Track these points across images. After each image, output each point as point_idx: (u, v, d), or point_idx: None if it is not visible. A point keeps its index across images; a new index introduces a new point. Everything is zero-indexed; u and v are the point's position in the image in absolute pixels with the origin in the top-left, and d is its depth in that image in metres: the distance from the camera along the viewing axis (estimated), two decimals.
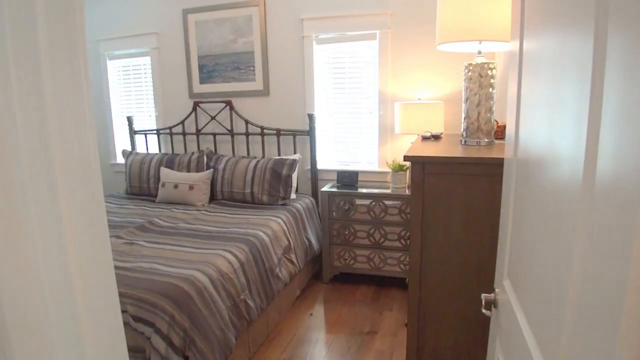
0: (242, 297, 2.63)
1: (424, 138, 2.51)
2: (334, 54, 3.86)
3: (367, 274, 3.64)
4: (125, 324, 2.24)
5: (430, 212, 1.85)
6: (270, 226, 3.18)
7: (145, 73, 4.62)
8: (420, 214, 1.86)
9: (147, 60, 4.54)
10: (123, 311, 2.26)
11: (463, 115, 2.13)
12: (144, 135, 4.69)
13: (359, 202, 3.53)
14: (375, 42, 3.68)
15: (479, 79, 2.05)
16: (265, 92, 4.08)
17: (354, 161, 3.99)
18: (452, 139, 2.48)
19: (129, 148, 4.76)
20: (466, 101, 2.09)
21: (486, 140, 2.09)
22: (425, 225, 1.87)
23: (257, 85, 4.08)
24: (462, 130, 2.17)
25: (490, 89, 2.05)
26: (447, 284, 1.90)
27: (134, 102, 4.79)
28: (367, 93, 3.82)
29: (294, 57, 3.94)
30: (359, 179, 3.79)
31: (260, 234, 3.04)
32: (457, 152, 1.96)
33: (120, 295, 2.22)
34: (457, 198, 1.82)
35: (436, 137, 2.51)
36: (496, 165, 1.63)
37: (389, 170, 3.74)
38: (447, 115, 3.53)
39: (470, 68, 2.06)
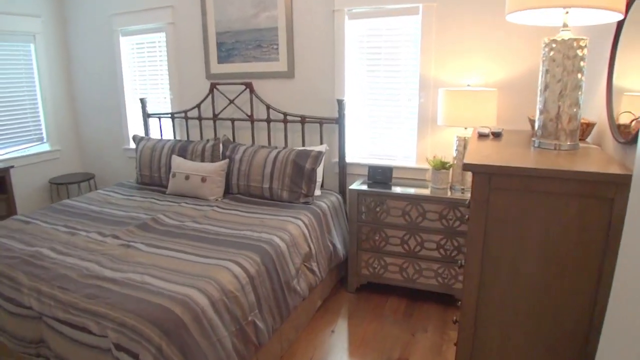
0: (250, 318, 2.21)
1: (481, 135, 2.01)
2: (369, 31, 3.35)
3: (398, 285, 3.18)
4: (107, 351, 1.86)
5: (495, 240, 1.37)
6: (289, 230, 2.74)
7: (160, 51, 4.21)
8: (481, 241, 1.39)
9: (161, 36, 4.13)
10: (103, 336, 1.88)
11: (538, 109, 1.62)
12: (157, 119, 4.30)
13: (392, 203, 3.05)
14: (418, 17, 3.15)
15: (564, 62, 1.53)
16: (289, 73, 3.61)
17: (388, 155, 3.49)
18: (517, 138, 1.97)
19: (142, 132, 4.39)
20: (545, 90, 1.58)
21: (569, 143, 1.58)
22: (487, 256, 1.39)
23: (281, 65, 3.61)
24: (536, 128, 1.66)
25: (579, 75, 1.53)
26: (512, 338, 1.42)
27: (148, 82, 4.39)
28: (405, 77, 3.31)
29: (323, 34, 3.45)
30: (394, 175, 3.30)
31: (276, 240, 2.60)
32: (528, 158, 1.46)
33: (101, 316, 1.82)
34: (533, 223, 1.33)
35: (496, 135, 2.00)
36: (595, 183, 1.14)
37: (429, 167, 3.24)
38: (500, 106, 2.99)
39: (553, 46, 1.54)
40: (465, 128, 2.97)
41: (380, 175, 3.26)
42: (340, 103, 3.37)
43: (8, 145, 4.33)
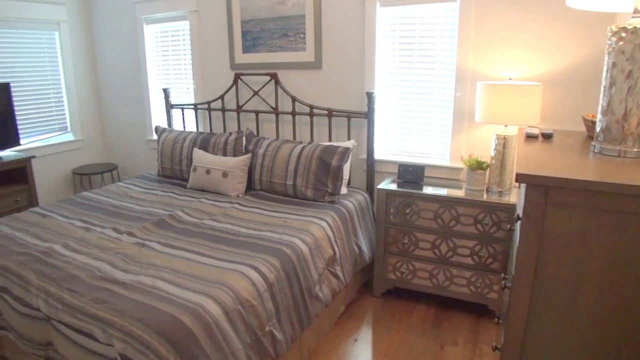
0: (267, 328, 2.06)
1: (529, 137, 1.78)
2: (402, 19, 3.12)
3: (427, 292, 2.97)
4: None
5: (550, 263, 1.17)
6: (312, 232, 2.57)
7: (184, 40, 4.08)
8: (533, 264, 1.18)
9: (185, 25, 3.99)
10: (109, 345, 1.75)
11: (601, 108, 1.40)
12: (180, 110, 4.18)
13: (423, 205, 2.84)
14: (455, 4, 2.91)
15: (634, 54, 1.30)
16: (316, 64, 3.42)
17: (419, 153, 3.28)
18: (570, 141, 1.74)
19: (165, 123, 4.28)
20: (610, 87, 1.35)
21: (636, 149, 1.35)
22: (540, 281, 1.19)
23: (308, 55, 3.43)
24: (596, 131, 1.43)
25: None
26: None
27: (171, 72, 4.27)
28: (440, 69, 3.08)
29: (352, 23, 3.24)
30: (425, 174, 3.09)
31: (298, 242, 2.43)
32: (591, 167, 1.24)
33: (108, 324, 1.68)
34: (597, 246, 1.12)
35: (547, 137, 1.77)
36: None
37: (464, 167, 3.02)
38: (545, 103, 2.74)
39: (622, 35, 1.31)
40: (506, 126, 2.73)
41: (411, 174, 3.06)
42: (369, 96, 3.16)
43: (32, 135, 4.29)
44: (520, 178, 1.13)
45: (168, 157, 3.71)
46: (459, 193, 2.82)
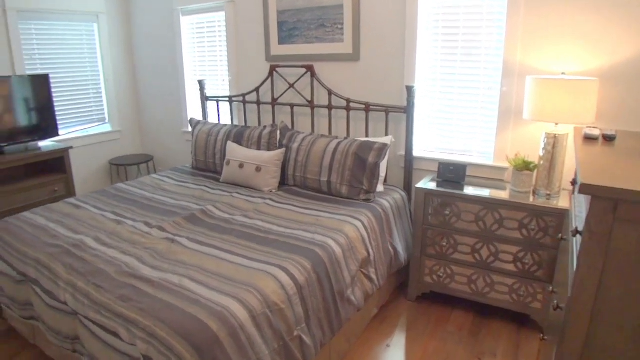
0: (295, 333, 1.97)
1: (588, 138, 1.61)
2: (445, 9, 2.95)
3: (465, 298, 2.82)
4: None
5: (615, 287, 1.02)
6: (345, 232, 2.46)
7: (219, 31, 4.02)
8: (595, 287, 1.04)
9: (221, 16, 3.93)
10: (132, 344, 1.70)
11: None
12: (215, 102, 4.14)
13: (464, 206, 2.68)
14: None
15: None
16: (354, 56, 3.29)
17: (461, 150, 3.11)
18: (636, 144, 1.56)
19: (200, 116, 4.26)
20: None
21: None
22: (603, 304, 1.04)
23: (345, 47, 3.30)
24: None
25: None
26: None
27: (207, 64, 4.23)
28: (486, 62, 2.89)
29: (393, 13, 3.09)
30: (467, 173, 2.93)
31: (331, 243, 2.33)
32: None
33: (132, 323, 1.62)
34: None
35: (609, 139, 1.60)
36: None
37: (509, 167, 2.84)
38: (602, 100, 2.53)
39: None
40: (556, 124, 2.54)
41: (452, 173, 2.90)
42: (409, 90, 3.01)
43: (71, 126, 4.34)
44: (585, 189, 0.99)
45: (202, 150, 3.68)
46: (503, 195, 2.64)
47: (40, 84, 3.73)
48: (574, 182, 2.26)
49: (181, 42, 4.25)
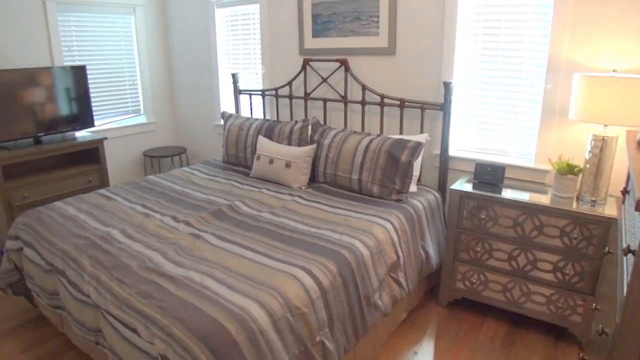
0: (318, 338, 1.90)
1: None
2: (487, 1, 2.79)
3: (499, 307, 2.68)
4: (156, 359, 1.64)
5: None
6: (374, 234, 2.36)
7: (253, 24, 3.97)
8: None
9: (255, 8, 3.88)
10: (150, 342, 1.66)
11: None
12: (248, 96, 4.10)
13: (502, 210, 2.54)
14: None
15: None
16: (389, 50, 3.17)
17: (499, 151, 2.95)
18: None
19: (233, 109, 4.23)
20: None
21: None
22: None
23: (381, 41, 3.19)
24: None
25: None
26: None
27: (241, 57, 4.19)
28: (529, 58, 2.72)
29: (431, 4, 2.96)
30: (505, 175, 2.78)
31: (359, 245, 2.24)
32: None
33: (151, 321, 1.56)
34: None
35: None
36: None
37: (551, 169, 2.68)
38: None
39: None
40: (605, 126, 2.36)
41: (489, 175, 2.76)
42: (447, 86, 2.88)
43: (107, 116, 4.40)
44: None
45: (233, 144, 3.65)
46: (544, 199, 2.49)
47: (78, 75, 3.78)
48: (625, 192, 2.09)
49: (215, 34, 4.23)
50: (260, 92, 3.94)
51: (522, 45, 2.73)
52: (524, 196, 2.55)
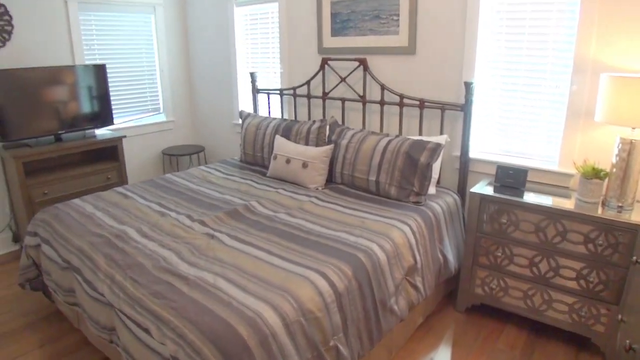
0: (332, 343, 1.86)
1: None
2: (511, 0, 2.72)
3: (519, 314, 2.61)
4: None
5: None
6: (392, 237, 2.32)
7: (272, 22, 3.95)
8: None
9: (274, 7, 3.86)
10: (161, 343, 1.64)
11: None
12: (266, 95, 4.09)
13: (523, 215, 2.47)
14: None
15: None
16: (409, 49, 3.12)
17: (522, 153, 2.87)
18: None
19: (251, 108, 4.22)
20: None
21: None
22: None
23: (400, 40, 3.13)
24: None
25: None
26: None
27: (259, 56, 4.18)
28: (554, 57, 2.64)
29: (453, 3, 2.89)
30: (528, 178, 2.70)
31: (375, 248, 2.20)
32: None
33: (163, 322, 1.51)
34: None
35: None
36: None
37: (575, 173, 2.60)
38: None
39: None
40: (633, 128, 2.28)
41: (511, 178, 2.68)
42: (468, 86, 2.82)
43: (126, 115, 4.42)
44: None
45: (250, 143, 3.63)
46: (568, 204, 2.41)
47: (99, 74, 3.81)
48: None
49: (234, 33, 4.22)
50: (278, 92, 3.92)
51: (546, 45, 2.64)
52: (547, 200, 2.47)
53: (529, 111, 2.78)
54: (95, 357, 2.45)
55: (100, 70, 3.81)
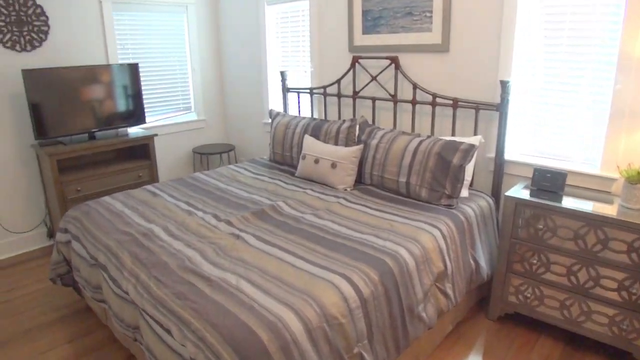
0: (355, 350, 1.81)
1: None
2: None
3: (555, 324, 2.48)
4: None
5: None
6: (421, 242, 2.24)
7: (303, 21, 3.91)
8: None
9: (305, 5, 3.82)
10: (182, 344, 1.61)
11: None
12: (296, 94, 4.06)
13: (561, 220, 2.35)
14: None
15: None
16: (443, 47, 3.02)
17: (560, 155, 2.74)
18: None
19: (280, 107, 4.20)
20: None
21: None
22: None
23: (434, 37, 3.04)
24: None
25: None
26: None
27: (289, 55, 4.15)
28: (597, 55, 2.50)
29: None
30: (567, 182, 2.57)
31: (403, 253, 2.12)
32: None
33: (184, 323, 1.46)
34: None
35: None
36: None
37: (619, 178, 2.45)
38: None
39: None
40: None
41: (549, 182, 2.56)
42: (504, 85, 2.70)
43: (157, 113, 4.47)
44: None
45: (279, 143, 3.60)
46: (610, 210, 2.27)
47: (130, 73, 3.86)
48: None
49: (265, 32, 4.21)
50: (308, 91, 3.88)
51: (588, 41, 2.50)
52: (587, 206, 2.34)
53: (569, 111, 2.65)
54: (121, 354, 2.47)
55: (133, 69, 3.86)
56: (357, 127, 3.23)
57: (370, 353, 1.87)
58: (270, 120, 4.17)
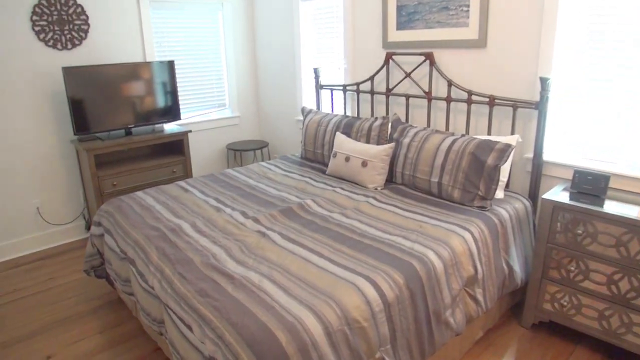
0: (378, 355, 1.76)
1: None
2: None
3: (592, 335, 2.35)
4: (208, 359, 1.61)
5: None
6: (451, 245, 2.16)
7: (337, 17, 3.86)
8: None
9: (339, 1, 3.77)
10: (201, 342, 1.61)
11: None
12: (329, 91, 4.02)
13: (602, 226, 2.22)
14: None
15: None
16: (480, 42, 2.91)
17: (603, 157, 2.59)
18: None
19: (314, 104, 4.17)
20: None
21: None
22: None
23: (470, 32, 2.93)
24: None
25: None
26: None
27: (323, 51, 4.11)
28: None
29: None
30: (610, 185, 2.43)
31: (432, 256, 2.05)
32: None
33: (204, 321, 1.44)
34: None
35: None
36: None
37: None
38: None
39: None
40: None
41: (590, 184, 2.42)
42: (544, 82, 2.58)
43: (192, 110, 4.53)
44: None
45: (311, 140, 3.58)
46: None
47: (166, 70, 3.92)
48: None
49: (299, 28, 4.19)
50: (341, 87, 3.84)
51: (634, 35, 2.35)
52: (631, 211, 2.20)
53: (614, 110, 2.50)
54: (149, 346, 2.51)
55: (169, 67, 3.92)
56: (390, 124, 3.16)
57: (393, 358, 1.82)
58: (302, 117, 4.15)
